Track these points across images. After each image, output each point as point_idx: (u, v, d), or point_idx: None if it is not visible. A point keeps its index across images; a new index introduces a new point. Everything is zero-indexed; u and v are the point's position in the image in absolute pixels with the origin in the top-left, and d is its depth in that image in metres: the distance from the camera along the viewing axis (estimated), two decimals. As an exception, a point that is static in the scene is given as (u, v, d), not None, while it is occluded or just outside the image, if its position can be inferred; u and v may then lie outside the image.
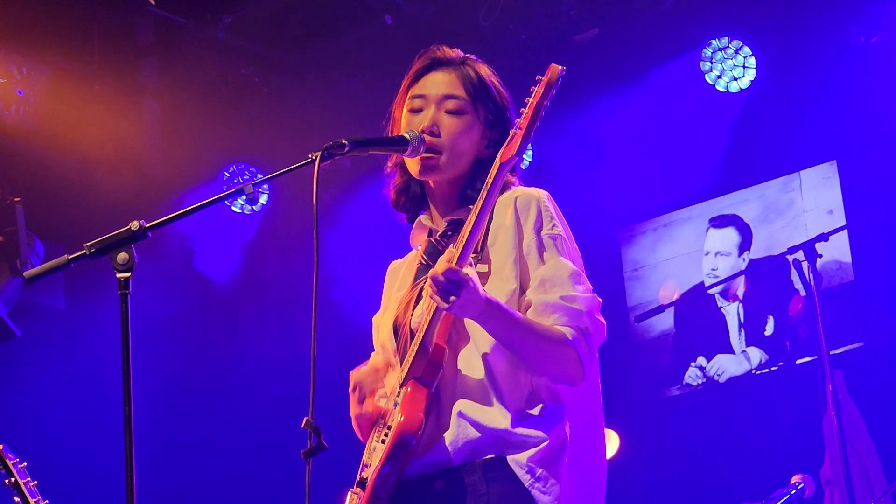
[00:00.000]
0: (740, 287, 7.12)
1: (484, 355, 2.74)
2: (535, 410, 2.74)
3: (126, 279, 2.52)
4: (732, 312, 7.10)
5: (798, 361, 6.78)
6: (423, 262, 2.93)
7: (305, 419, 2.55)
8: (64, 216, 6.81)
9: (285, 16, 6.99)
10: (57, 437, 6.81)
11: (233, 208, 7.57)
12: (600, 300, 2.80)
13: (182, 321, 7.49)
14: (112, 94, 6.93)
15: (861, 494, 5.49)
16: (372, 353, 3.02)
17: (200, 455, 7.45)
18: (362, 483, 2.75)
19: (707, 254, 7.24)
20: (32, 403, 6.84)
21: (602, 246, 7.27)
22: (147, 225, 2.56)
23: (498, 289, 2.76)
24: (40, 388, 6.91)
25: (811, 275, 5.45)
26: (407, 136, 2.87)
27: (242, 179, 7.49)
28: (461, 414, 2.72)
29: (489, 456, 2.71)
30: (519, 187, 2.89)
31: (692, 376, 7.15)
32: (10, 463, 4.06)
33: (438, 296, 2.60)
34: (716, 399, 7.03)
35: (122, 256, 2.53)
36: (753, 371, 6.96)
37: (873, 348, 6.49)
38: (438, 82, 2.94)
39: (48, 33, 6.64)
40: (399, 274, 3.05)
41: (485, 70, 2.98)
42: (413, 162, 2.91)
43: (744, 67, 6.94)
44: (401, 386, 2.74)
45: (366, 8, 6.88)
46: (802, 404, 6.44)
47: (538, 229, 2.80)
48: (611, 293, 2.87)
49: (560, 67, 2.70)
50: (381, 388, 2.88)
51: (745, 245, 7.12)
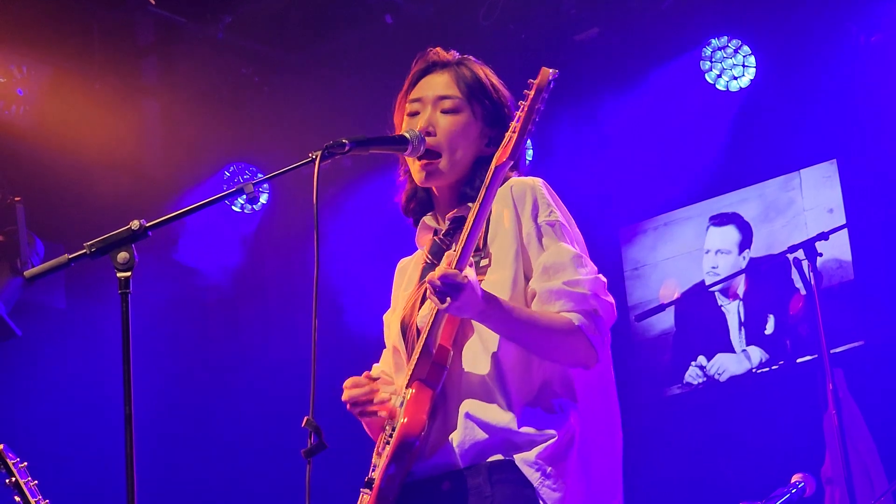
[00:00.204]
0: (741, 286, 7.11)
1: (492, 354, 2.75)
2: (545, 404, 2.74)
3: (126, 278, 2.53)
4: (733, 311, 7.09)
5: (798, 360, 6.78)
6: (429, 261, 2.94)
7: (306, 418, 2.56)
8: (64, 216, 6.81)
9: (285, 15, 6.99)
10: (57, 437, 6.80)
11: (233, 207, 7.57)
12: (605, 280, 2.80)
13: (182, 320, 7.48)
14: (112, 94, 6.93)
15: (861, 493, 5.49)
16: (383, 351, 3.04)
17: (200, 455, 7.45)
18: (370, 483, 2.76)
19: (707, 252, 7.24)
20: (33, 403, 6.84)
21: (602, 245, 7.25)
22: (147, 224, 2.57)
23: (498, 281, 2.77)
24: (41, 388, 6.90)
25: (811, 273, 5.45)
26: (407, 136, 2.89)
27: (242, 179, 7.48)
28: (468, 415, 2.73)
29: (495, 458, 2.72)
30: (514, 178, 2.89)
31: (693, 375, 7.14)
32: (11, 462, 4.06)
33: (436, 298, 2.61)
34: (716, 398, 7.03)
35: (123, 256, 2.54)
36: (754, 370, 6.96)
37: (874, 347, 6.49)
38: (433, 84, 2.96)
39: (48, 33, 6.63)
40: (407, 272, 3.07)
41: (481, 69, 2.99)
42: (415, 169, 2.93)
43: (743, 66, 6.94)
44: (406, 387, 2.76)
45: (366, 8, 6.88)
46: (803, 403, 6.44)
47: (535, 217, 2.81)
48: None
49: (551, 71, 2.72)
50: (385, 392, 2.88)
51: (746, 243, 7.12)
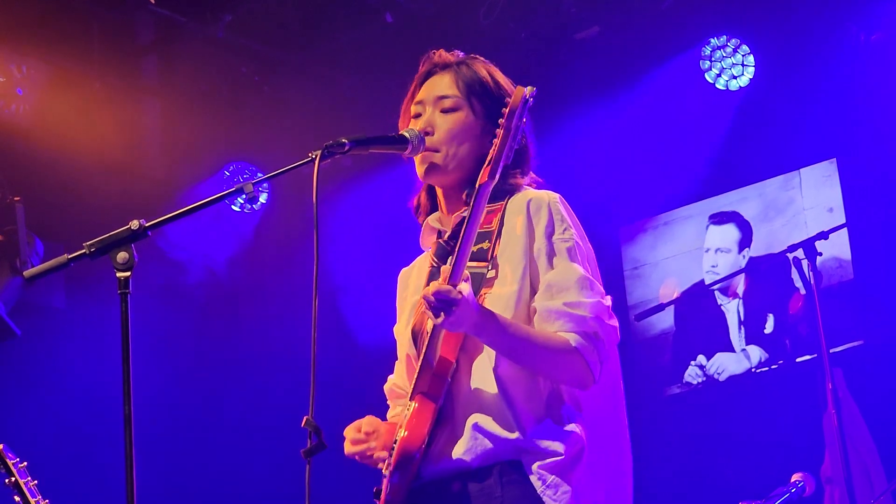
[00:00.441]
0: (740, 285, 7.11)
1: (498, 365, 2.75)
2: (554, 416, 2.75)
3: (126, 278, 2.52)
4: (732, 310, 7.09)
5: (798, 359, 6.78)
6: (434, 265, 2.94)
7: (305, 418, 2.55)
8: (64, 215, 6.80)
9: (286, 14, 6.98)
10: (57, 437, 6.80)
11: (233, 207, 7.57)
12: (609, 304, 2.79)
13: (181, 320, 7.48)
14: (112, 93, 6.92)
15: (861, 493, 5.49)
16: (396, 363, 3.06)
17: (200, 455, 7.45)
18: (378, 494, 2.79)
19: (707, 250, 7.24)
20: (32, 403, 6.84)
21: (602, 244, 7.21)
22: (147, 224, 2.56)
23: (503, 295, 2.77)
24: (40, 388, 6.90)
25: (811, 273, 5.45)
26: (407, 135, 2.90)
27: (242, 178, 7.48)
28: (476, 426, 2.74)
29: (504, 459, 2.73)
30: (530, 190, 2.90)
31: (692, 375, 7.14)
32: (11, 462, 4.05)
33: (431, 313, 2.62)
34: (716, 397, 7.03)
35: (122, 256, 2.53)
36: (753, 369, 6.96)
37: (873, 346, 6.49)
38: (434, 85, 2.97)
39: (48, 32, 6.63)
40: (411, 280, 3.07)
41: (483, 68, 2.99)
42: (417, 164, 2.93)
43: (743, 66, 6.94)
44: (410, 399, 2.77)
45: (366, 7, 6.87)
46: (802, 402, 6.44)
47: (549, 234, 2.80)
48: (611, 292, 2.85)
49: (527, 89, 2.74)
50: (381, 452, 2.85)
51: (746, 242, 7.12)
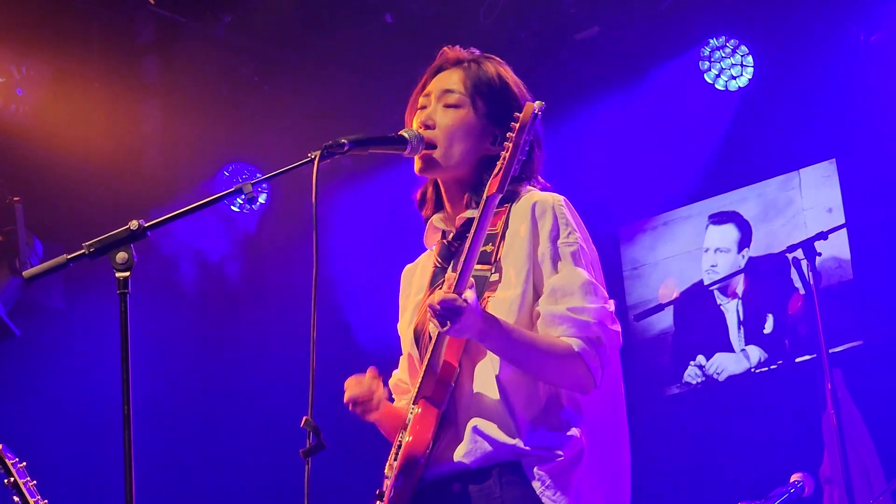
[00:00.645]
0: (740, 285, 7.11)
1: (500, 370, 2.76)
2: (553, 420, 2.76)
3: (125, 279, 2.52)
4: (732, 310, 7.09)
5: (797, 360, 6.78)
6: (438, 265, 2.94)
7: (304, 418, 2.55)
8: (63, 215, 6.80)
9: (285, 14, 6.98)
10: (56, 437, 6.80)
11: (232, 207, 7.57)
12: (612, 309, 2.80)
13: (180, 321, 7.48)
14: (112, 94, 6.92)
15: (860, 493, 5.49)
16: (401, 358, 3.06)
17: (199, 455, 7.44)
18: (381, 496, 2.78)
19: (707, 250, 7.23)
20: (31, 403, 6.83)
21: (601, 244, 7.19)
22: (146, 224, 2.56)
23: (506, 299, 2.77)
24: (39, 388, 6.90)
25: (810, 273, 5.45)
26: (406, 135, 2.89)
27: (241, 178, 7.48)
28: (476, 430, 2.75)
29: (504, 461, 2.74)
30: (535, 192, 2.89)
31: (691, 375, 7.14)
32: (10, 462, 4.05)
33: (437, 321, 2.63)
34: (715, 398, 7.03)
35: (122, 256, 2.53)
36: (753, 369, 6.95)
37: (872, 346, 6.49)
38: (442, 80, 2.97)
39: (48, 33, 6.62)
40: (414, 278, 3.07)
41: (494, 67, 2.98)
42: (415, 158, 2.93)
43: (742, 66, 6.94)
44: (413, 403, 2.77)
45: (366, 6, 6.87)
46: (801, 403, 6.44)
47: (554, 238, 2.81)
48: (610, 292, 2.85)
49: (536, 104, 2.74)
50: (382, 392, 2.89)
51: (745, 242, 7.12)
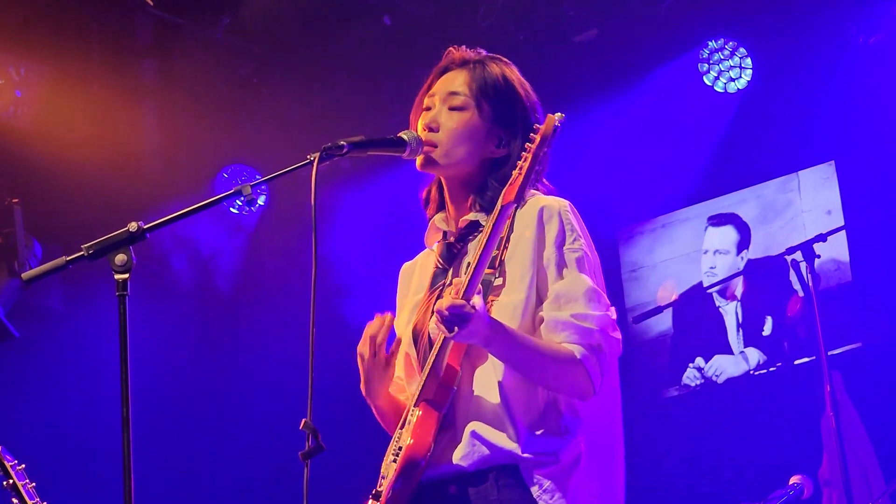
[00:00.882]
0: (738, 287, 7.11)
1: (500, 374, 2.76)
2: (551, 426, 2.76)
3: (124, 280, 2.52)
4: (731, 312, 7.09)
5: (796, 362, 6.78)
6: (440, 266, 2.94)
7: (303, 421, 2.55)
8: (62, 217, 6.80)
9: (284, 16, 6.98)
10: (55, 439, 6.80)
11: (231, 209, 7.57)
12: (615, 317, 2.81)
13: (180, 322, 7.48)
14: (110, 95, 6.91)
15: (859, 495, 5.49)
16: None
17: (198, 456, 7.44)
18: (377, 496, 2.77)
19: (706, 252, 7.23)
20: (30, 405, 6.83)
21: (600, 247, 7.18)
22: (145, 226, 2.56)
23: (509, 304, 2.77)
24: (38, 390, 6.90)
25: (809, 275, 5.45)
26: (405, 137, 2.89)
27: (241, 180, 7.48)
28: (474, 434, 2.75)
29: (501, 463, 2.74)
30: (541, 196, 2.89)
31: (690, 377, 7.14)
32: (9, 465, 4.04)
33: (444, 326, 2.63)
34: (714, 400, 7.02)
35: (121, 258, 2.53)
36: (752, 372, 6.95)
37: (871, 349, 6.49)
38: (448, 81, 2.97)
39: (47, 34, 6.62)
40: (413, 276, 3.06)
41: (501, 69, 2.97)
42: (417, 156, 2.93)
43: (740, 68, 6.95)
44: (414, 405, 2.76)
45: (365, 8, 6.87)
46: (800, 405, 6.44)
47: (560, 244, 2.82)
48: (609, 294, 2.87)
49: (557, 117, 2.73)
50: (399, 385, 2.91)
51: (744, 244, 7.12)
